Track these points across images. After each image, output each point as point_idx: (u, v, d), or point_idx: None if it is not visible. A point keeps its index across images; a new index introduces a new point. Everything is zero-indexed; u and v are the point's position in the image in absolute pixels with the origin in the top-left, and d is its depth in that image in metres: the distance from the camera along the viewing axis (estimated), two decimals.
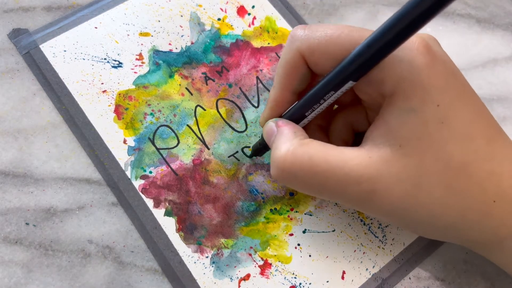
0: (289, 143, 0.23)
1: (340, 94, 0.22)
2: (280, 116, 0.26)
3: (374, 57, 0.20)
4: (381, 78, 0.21)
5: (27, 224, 0.27)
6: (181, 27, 0.32)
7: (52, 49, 0.30)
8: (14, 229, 0.27)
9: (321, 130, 0.27)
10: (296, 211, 0.28)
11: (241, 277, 0.27)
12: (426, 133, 0.21)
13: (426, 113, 0.21)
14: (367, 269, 0.28)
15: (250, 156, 0.29)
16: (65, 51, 0.30)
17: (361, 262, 0.28)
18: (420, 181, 0.21)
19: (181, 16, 0.32)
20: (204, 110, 0.30)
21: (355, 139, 0.28)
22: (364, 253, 0.28)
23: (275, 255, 0.27)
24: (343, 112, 0.27)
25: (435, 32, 0.35)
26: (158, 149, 0.29)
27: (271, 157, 0.24)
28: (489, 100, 0.33)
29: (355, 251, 0.28)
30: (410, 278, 0.28)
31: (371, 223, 0.29)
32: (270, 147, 0.25)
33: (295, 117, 0.25)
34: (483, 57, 0.34)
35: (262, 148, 0.28)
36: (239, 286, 0.27)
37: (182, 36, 0.32)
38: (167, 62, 0.31)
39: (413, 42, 0.21)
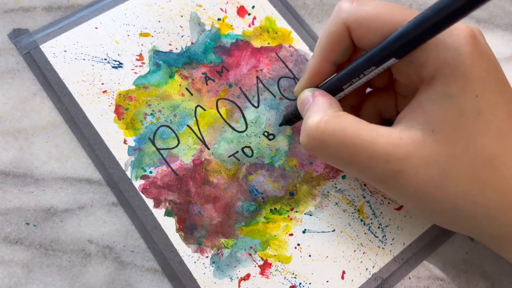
0: (323, 113, 0.23)
1: (380, 70, 0.22)
2: (316, 87, 0.26)
3: (422, 36, 0.20)
4: (423, 60, 0.21)
5: (27, 224, 0.27)
6: (181, 27, 0.32)
7: (53, 49, 0.30)
8: (15, 229, 0.27)
9: (352, 110, 0.27)
10: (296, 211, 0.28)
11: (241, 277, 0.27)
12: (461, 122, 0.21)
13: (464, 101, 0.21)
14: (367, 269, 0.28)
15: (281, 125, 0.30)
16: (65, 51, 0.31)
17: (361, 262, 0.28)
18: (448, 169, 0.21)
19: (181, 16, 0.32)
20: (204, 110, 0.30)
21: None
22: (364, 253, 0.28)
23: (275, 255, 0.27)
24: (373, 97, 0.27)
25: None
26: (158, 149, 0.29)
27: (302, 125, 0.24)
28: None
29: (355, 251, 0.28)
30: (410, 278, 0.28)
31: (371, 223, 0.29)
32: (303, 116, 0.25)
33: (332, 89, 0.25)
34: None
35: (293, 117, 0.28)
36: (239, 286, 0.27)
37: (182, 36, 0.32)
38: (167, 63, 0.31)
39: (461, 30, 0.21)
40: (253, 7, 0.33)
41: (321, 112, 0.23)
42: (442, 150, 0.21)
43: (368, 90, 0.29)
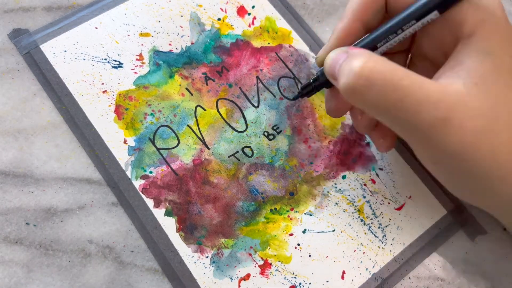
0: (368, 55, 0.21)
1: (420, 26, 0.22)
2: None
3: None
4: (462, 19, 0.22)
5: (27, 224, 0.27)
6: (181, 27, 0.32)
7: (53, 49, 0.30)
8: (15, 229, 0.27)
9: None
10: (296, 211, 0.28)
11: (241, 277, 0.27)
12: (500, 79, 0.21)
13: (502, 59, 0.21)
14: (367, 269, 0.28)
15: (295, 98, 0.28)
16: (65, 51, 0.31)
17: (361, 262, 0.28)
18: (491, 120, 0.21)
19: (181, 16, 0.32)
20: (204, 110, 0.30)
21: None
22: (364, 253, 0.28)
23: (275, 255, 0.27)
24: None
25: None
26: (158, 149, 0.29)
27: (342, 73, 0.22)
28: None
29: (355, 251, 0.28)
30: (410, 278, 0.28)
31: (371, 223, 0.29)
32: (336, 75, 0.23)
33: (367, 45, 0.24)
34: None
35: (314, 86, 0.26)
36: (239, 286, 0.27)
37: (182, 36, 0.32)
38: (167, 63, 0.31)
39: None
40: (253, 7, 0.33)
41: (365, 55, 0.21)
42: (487, 102, 0.21)
43: None
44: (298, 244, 0.28)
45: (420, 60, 0.26)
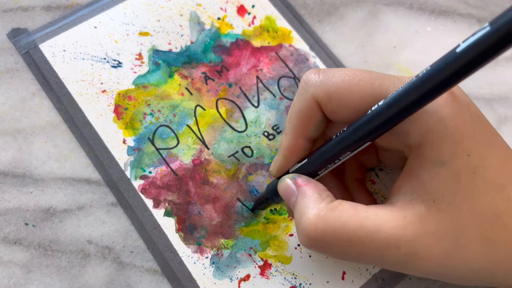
0: (317, 208, 0.21)
1: (356, 152, 0.22)
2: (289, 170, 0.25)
3: (397, 117, 0.19)
4: (405, 130, 0.21)
5: (26, 224, 0.27)
6: (181, 26, 0.32)
7: (52, 49, 0.30)
8: (13, 229, 0.27)
9: (333, 171, 0.25)
10: None
11: (241, 278, 0.27)
12: (459, 185, 0.20)
13: (457, 164, 0.20)
14: (367, 269, 0.28)
15: (252, 210, 0.28)
16: (64, 50, 0.30)
17: None
18: (458, 237, 0.21)
19: (181, 15, 0.32)
20: (204, 110, 0.30)
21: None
22: None
23: (275, 256, 0.27)
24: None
25: (436, 32, 0.35)
26: (157, 149, 0.29)
27: (296, 223, 0.22)
28: (489, 100, 0.33)
29: None
30: (410, 279, 0.28)
31: None
32: (291, 208, 0.23)
33: (308, 172, 0.23)
34: None
35: (266, 201, 0.26)
36: (239, 286, 0.26)
37: (182, 35, 0.32)
38: (166, 62, 0.31)
39: None
40: (253, 6, 0.33)
41: (314, 208, 0.21)
42: (449, 220, 0.20)
43: None
44: (298, 245, 0.28)
45: (383, 150, 0.26)
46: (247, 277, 0.27)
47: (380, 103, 0.20)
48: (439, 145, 0.20)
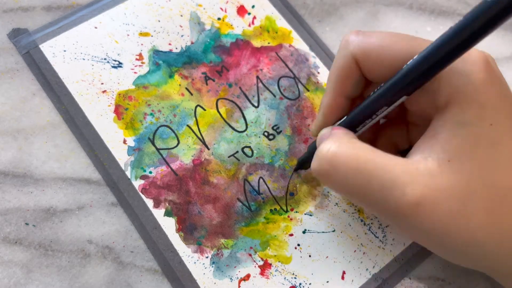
0: (337, 139, 0.22)
1: (393, 108, 0.22)
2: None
3: (431, 70, 0.20)
4: (436, 88, 0.21)
5: (26, 224, 0.27)
6: (181, 26, 0.32)
7: (52, 49, 0.30)
8: (14, 229, 0.27)
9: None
10: (296, 211, 0.28)
11: (241, 277, 0.27)
12: (476, 151, 0.20)
13: (479, 129, 0.20)
14: (367, 269, 0.28)
15: (295, 170, 0.29)
16: (65, 51, 0.30)
17: (361, 262, 0.28)
18: (465, 201, 0.20)
19: (181, 15, 0.32)
20: (204, 110, 0.30)
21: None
22: (364, 253, 0.28)
23: (275, 255, 0.27)
24: (388, 129, 0.27)
25: (436, 32, 0.35)
26: (158, 149, 0.29)
27: (315, 153, 0.23)
28: None
29: (355, 251, 0.28)
30: (410, 278, 0.28)
31: (371, 223, 0.29)
32: None
33: (348, 126, 0.24)
34: None
35: (308, 161, 0.26)
36: (239, 286, 0.26)
37: (182, 36, 0.32)
38: (167, 62, 0.31)
39: (473, 56, 0.21)
40: (253, 6, 0.33)
41: (335, 139, 0.22)
42: (460, 182, 0.20)
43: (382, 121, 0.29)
44: (298, 245, 0.28)
45: (414, 126, 0.26)
46: (247, 276, 0.27)
47: (416, 57, 0.20)
48: (465, 107, 0.20)
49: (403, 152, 0.28)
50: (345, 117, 0.24)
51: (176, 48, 0.31)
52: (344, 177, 0.21)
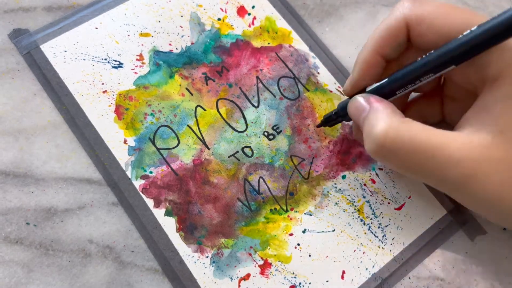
0: (389, 120, 0.22)
1: (437, 76, 0.22)
2: (365, 89, 0.25)
3: (487, 43, 0.20)
4: (487, 61, 0.21)
5: (27, 224, 0.27)
6: (181, 27, 0.32)
7: (53, 50, 0.31)
8: (15, 229, 0.27)
9: None
10: (296, 211, 0.29)
11: (241, 277, 0.27)
12: None
13: None
14: (366, 268, 0.28)
15: (319, 126, 0.29)
16: (65, 51, 0.31)
17: (361, 262, 0.28)
18: None
19: (181, 16, 0.33)
20: (204, 110, 0.30)
21: None
22: (364, 253, 0.28)
23: (275, 255, 0.27)
24: (418, 102, 0.27)
25: None
26: (158, 149, 0.29)
27: (366, 133, 0.23)
28: None
29: (354, 250, 0.28)
30: (410, 278, 0.28)
31: (371, 223, 0.29)
32: (360, 123, 0.24)
33: (384, 93, 0.24)
34: None
35: (336, 118, 0.27)
36: (239, 285, 0.27)
37: (182, 36, 0.32)
38: (167, 63, 0.31)
39: None
40: (253, 7, 0.33)
41: (386, 119, 0.22)
42: None
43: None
44: (298, 244, 0.28)
45: (451, 100, 0.26)
46: (247, 276, 0.27)
47: (474, 28, 0.21)
48: None
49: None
50: (385, 79, 0.24)
51: (177, 49, 0.32)
52: (403, 158, 0.22)
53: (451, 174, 0.21)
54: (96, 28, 0.31)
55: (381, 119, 0.22)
